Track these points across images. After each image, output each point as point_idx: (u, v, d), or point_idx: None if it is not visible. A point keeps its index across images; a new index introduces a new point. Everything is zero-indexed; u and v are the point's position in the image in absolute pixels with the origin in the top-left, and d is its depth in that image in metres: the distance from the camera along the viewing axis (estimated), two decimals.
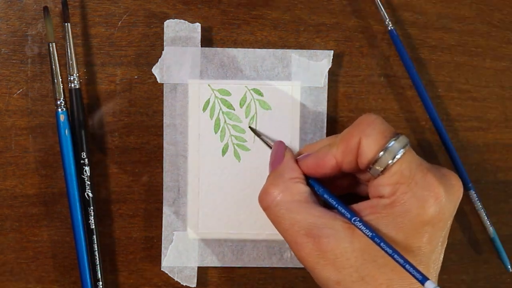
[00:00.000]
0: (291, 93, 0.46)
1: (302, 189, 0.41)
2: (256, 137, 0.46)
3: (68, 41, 0.44)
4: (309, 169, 0.41)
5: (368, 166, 0.39)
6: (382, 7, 0.46)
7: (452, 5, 0.48)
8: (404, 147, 0.38)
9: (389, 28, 0.46)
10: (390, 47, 0.47)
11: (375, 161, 0.38)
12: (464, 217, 0.49)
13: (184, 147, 0.46)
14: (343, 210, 0.39)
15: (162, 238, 0.47)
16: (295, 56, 0.46)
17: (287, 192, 0.40)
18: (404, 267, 0.36)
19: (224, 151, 0.46)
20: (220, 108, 0.46)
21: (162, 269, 0.47)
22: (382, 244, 0.36)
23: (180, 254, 0.47)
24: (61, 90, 0.44)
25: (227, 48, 0.46)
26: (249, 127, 0.46)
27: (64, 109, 0.44)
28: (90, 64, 0.46)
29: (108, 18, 0.46)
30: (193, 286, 0.47)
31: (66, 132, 0.44)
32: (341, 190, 0.44)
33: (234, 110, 0.46)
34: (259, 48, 0.47)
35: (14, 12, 0.46)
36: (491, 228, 0.48)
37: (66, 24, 0.44)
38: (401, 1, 0.47)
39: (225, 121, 0.46)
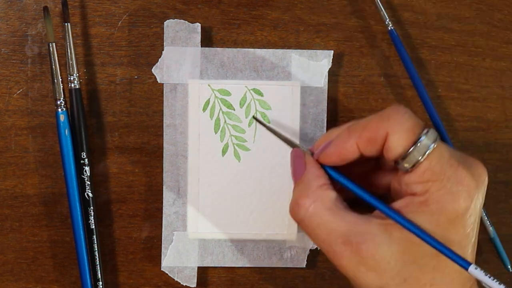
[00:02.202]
0: (291, 93, 0.46)
1: (333, 196, 0.40)
2: (256, 137, 0.46)
3: (68, 41, 0.44)
4: (332, 159, 0.40)
5: (395, 161, 0.38)
6: (382, 7, 0.46)
7: (452, 5, 0.48)
8: (433, 142, 0.37)
9: (389, 28, 0.46)
10: (390, 47, 0.47)
11: (403, 157, 0.38)
12: None
13: (184, 147, 0.46)
14: (382, 208, 0.38)
15: (162, 238, 0.47)
16: (295, 56, 0.46)
17: (318, 201, 0.39)
18: (447, 255, 0.36)
19: (224, 151, 0.46)
20: (220, 108, 0.46)
21: (162, 269, 0.47)
22: (425, 236, 0.37)
23: (180, 254, 0.47)
24: (61, 90, 0.44)
25: (227, 48, 0.46)
26: (253, 117, 0.46)
27: (64, 109, 0.44)
28: (90, 64, 0.46)
29: (108, 18, 0.46)
30: (193, 286, 0.47)
31: (66, 132, 0.44)
32: (358, 178, 0.44)
33: (234, 110, 0.46)
34: (259, 48, 0.47)
35: (14, 12, 0.46)
36: (491, 228, 0.48)
37: (66, 24, 0.44)
38: (401, 1, 0.47)
39: (225, 121, 0.46)
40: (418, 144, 0.37)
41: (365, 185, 0.42)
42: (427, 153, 0.37)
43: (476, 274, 0.35)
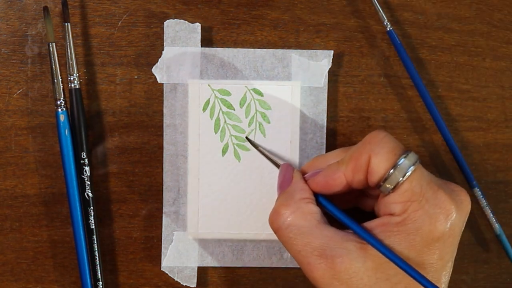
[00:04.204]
0: (291, 93, 0.46)
1: (313, 209, 0.40)
2: (256, 137, 0.46)
3: (68, 41, 0.44)
4: (319, 187, 0.41)
5: (378, 184, 0.39)
6: (380, 9, 0.46)
7: (452, 5, 0.48)
8: (414, 164, 0.38)
9: (388, 29, 0.46)
10: (390, 47, 0.47)
11: (385, 179, 0.38)
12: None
13: (184, 147, 0.46)
14: (357, 229, 0.39)
15: (162, 238, 0.47)
16: (295, 56, 0.46)
17: (298, 212, 0.40)
18: (419, 281, 0.36)
19: (224, 151, 0.46)
20: (220, 108, 0.46)
21: (162, 269, 0.47)
22: (397, 260, 0.37)
23: (180, 254, 0.47)
24: (61, 90, 0.44)
25: (227, 48, 0.46)
26: (246, 137, 0.46)
27: (64, 109, 0.44)
28: (90, 64, 0.46)
29: (108, 18, 0.46)
30: (193, 286, 0.47)
31: (66, 132, 0.44)
32: (346, 204, 0.44)
33: (234, 110, 0.46)
34: (259, 48, 0.47)
35: (14, 12, 0.46)
36: (496, 225, 0.48)
37: (66, 24, 0.44)
38: (401, 1, 0.47)
39: (225, 121, 0.46)
40: (399, 165, 0.38)
41: (352, 206, 0.44)
42: (407, 174, 0.38)
43: None
